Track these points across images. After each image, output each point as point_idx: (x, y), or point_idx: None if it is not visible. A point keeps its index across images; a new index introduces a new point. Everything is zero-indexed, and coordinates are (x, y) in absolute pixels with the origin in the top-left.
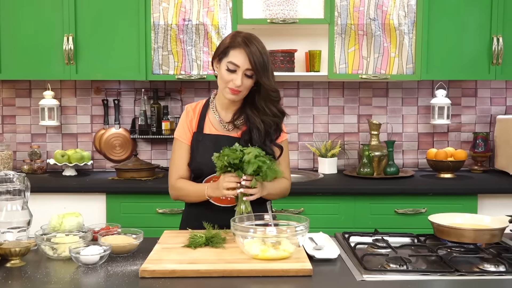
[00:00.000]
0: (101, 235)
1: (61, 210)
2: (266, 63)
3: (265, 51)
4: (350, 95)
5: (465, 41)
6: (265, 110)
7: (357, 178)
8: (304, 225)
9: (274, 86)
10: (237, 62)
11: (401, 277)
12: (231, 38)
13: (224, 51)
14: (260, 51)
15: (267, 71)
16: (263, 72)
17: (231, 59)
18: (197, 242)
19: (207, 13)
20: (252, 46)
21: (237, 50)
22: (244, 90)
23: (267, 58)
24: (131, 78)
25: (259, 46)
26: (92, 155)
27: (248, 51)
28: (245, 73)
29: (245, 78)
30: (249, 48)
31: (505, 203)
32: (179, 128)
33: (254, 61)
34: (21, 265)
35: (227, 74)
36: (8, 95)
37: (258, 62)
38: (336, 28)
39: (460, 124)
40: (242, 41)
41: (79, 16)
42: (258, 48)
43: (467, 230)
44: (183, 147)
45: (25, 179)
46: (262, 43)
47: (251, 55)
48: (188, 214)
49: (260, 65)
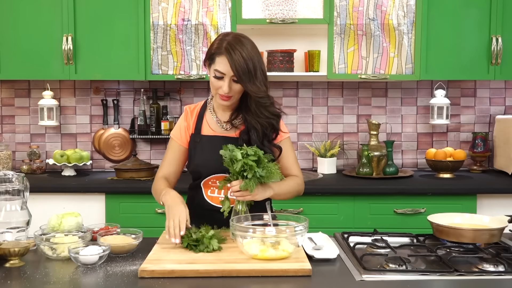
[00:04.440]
0: (100, 235)
1: (60, 210)
2: (251, 69)
3: (251, 55)
4: (349, 95)
5: (464, 41)
6: (257, 113)
7: (356, 178)
8: (303, 225)
9: (262, 92)
10: (222, 70)
11: (400, 277)
12: (218, 43)
13: (211, 57)
14: (244, 57)
15: (252, 77)
16: (247, 79)
17: (217, 67)
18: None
19: (206, 13)
20: (235, 52)
21: (221, 57)
22: (235, 94)
23: (253, 63)
24: (130, 78)
25: (243, 52)
26: (91, 155)
27: (230, 59)
28: (233, 79)
29: (233, 84)
30: (231, 56)
31: (504, 203)
32: (176, 128)
33: (236, 69)
34: (20, 265)
35: (215, 81)
36: (7, 95)
37: (241, 70)
38: (335, 28)
39: (459, 124)
40: (225, 48)
41: (78, 16)
42: (242, 54)
43: (466, 230)
44: (175, 147)
45: (24, 179)
46: (248, 47)
47: (233, 63)
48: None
49: (244, 72)
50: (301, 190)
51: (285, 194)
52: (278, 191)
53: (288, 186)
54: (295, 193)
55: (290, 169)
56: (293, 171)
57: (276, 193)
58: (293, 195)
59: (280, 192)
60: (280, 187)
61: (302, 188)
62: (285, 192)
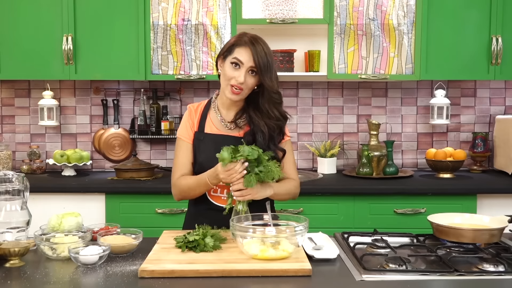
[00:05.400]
0: (100, 235)
1: (60, 210)
2: (270, 64)
3: (270, 52)
4: (349, 95)
5: (464, 41)
6: (268, 112)
7: (356, 178)
8: (303, 225)
9: (276, 88)
10: (242, 59)
11: (400, 277)
12: (238, 37)
13: (229, 49)
14: (266, 51)
15: (270, 72)
16: (265, 72)
17: (236, 55)
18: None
19: (206, 13)
20: (258, 45)
21: (242, 48)
22: (246, 89)
23: (272, 60)
24: (130, 78)
25: (264, 47)
26: (91, 155)
27: (253, 49)
28: (249, 71)
29: (248, 76)
30: (255, 47)
31: (504, 203)
32: (181, 127)
33: (258, 60)
34: (20, 265)
35: (231, 70)
36: (7, 95)
37: (262, 62)
38: (335, 28)
39: (459, 124)
40: (249, 40)
41: (78, 16)
42: (264, 49)
43: (466, 230)
44: (185, 146)
45: (24, 179)
46: (267, 45)
47: (256, 54)
48: (190, 215)
49: (264, 65)
50: (297, 194)
51: (283, 195)
52: (278, 191)
53: (287, 188)
54: (292, 196)
55: (288, 172)
56: (291, 175)
57: (275, 193)
58: (289, 197)
59: (279, 193)
60: (280, 187)
61: (298, 192)
62: (284, 193)
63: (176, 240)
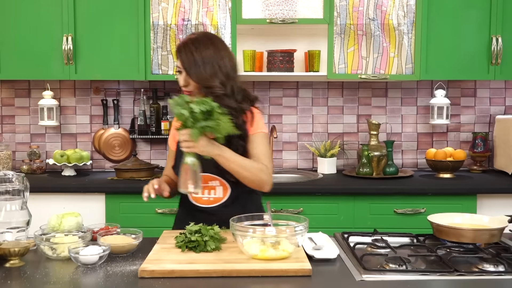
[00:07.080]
0: (100, 235)
1: (60, 210)
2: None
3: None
4: (349, 95)
5: (464, 41)
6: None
7: (356, 178)
8: (303, 225)
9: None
10: (177, 64)
11: (401, 277)
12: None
13: None
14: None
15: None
16: (190, 68)
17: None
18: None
19: (206, 13)
20: (186, 46)
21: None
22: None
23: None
24: (130, 78)
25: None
26: (91, 155)
27: (179, 50)
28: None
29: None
30: (181, 47)
31: (504, 203)
32: (170, 134)
33: (182, 58)
34: (20, 265)
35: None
36: (7, 95)
37: (186, 59)
38: (335, 28)
39: (459, 124)
40: (179, 44)
41: (78, 16)
42: (192, 47)
43: (466, 230)
44: (170, 152)
45: (24, 179)
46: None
47: (180, 53)
48: (179, 215)
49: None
50: (264, 180)
51: (237, 168)
52: (229, 157)
53: (246, 163)
54: (253, 177)
55: (257, 157)
56: (261, 160)
57: (225, 157)
58: (250, 178)
59: (231, 160)
60: (235, 156)
61: (265, 178)
62: (237, 165)
63: (176, 239)
